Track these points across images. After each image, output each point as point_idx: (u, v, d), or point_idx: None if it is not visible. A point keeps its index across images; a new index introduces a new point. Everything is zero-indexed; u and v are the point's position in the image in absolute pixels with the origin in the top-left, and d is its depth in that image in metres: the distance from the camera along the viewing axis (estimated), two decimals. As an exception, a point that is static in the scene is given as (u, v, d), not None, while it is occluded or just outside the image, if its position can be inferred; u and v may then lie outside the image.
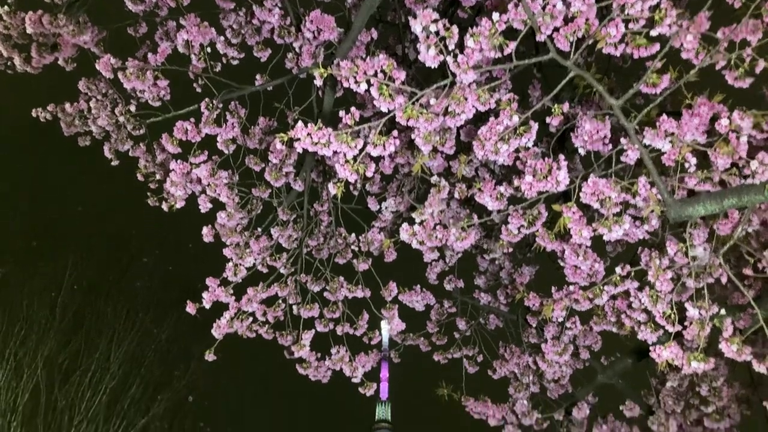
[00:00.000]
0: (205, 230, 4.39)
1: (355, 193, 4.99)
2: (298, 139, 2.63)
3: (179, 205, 4.25)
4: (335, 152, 2.70)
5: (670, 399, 4.14)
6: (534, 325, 4.73)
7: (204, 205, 4.23)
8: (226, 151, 4.21)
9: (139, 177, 4.62)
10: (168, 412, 13.08)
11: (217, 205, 4.34)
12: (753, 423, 4.53)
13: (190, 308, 4.26)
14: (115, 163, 4.63)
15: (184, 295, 4.50)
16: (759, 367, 2.56)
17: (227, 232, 4.37)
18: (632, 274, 3.26)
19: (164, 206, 4.32)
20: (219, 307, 4.48)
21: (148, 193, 4.59)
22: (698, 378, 3.95)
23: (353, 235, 4.71)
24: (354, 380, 4.59)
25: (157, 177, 4.62)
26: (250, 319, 4.49)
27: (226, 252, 4.39)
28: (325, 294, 4.74)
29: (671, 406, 4.13)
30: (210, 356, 4.46)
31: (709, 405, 3.93)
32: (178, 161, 4.08)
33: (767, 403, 2.47)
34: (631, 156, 2.86)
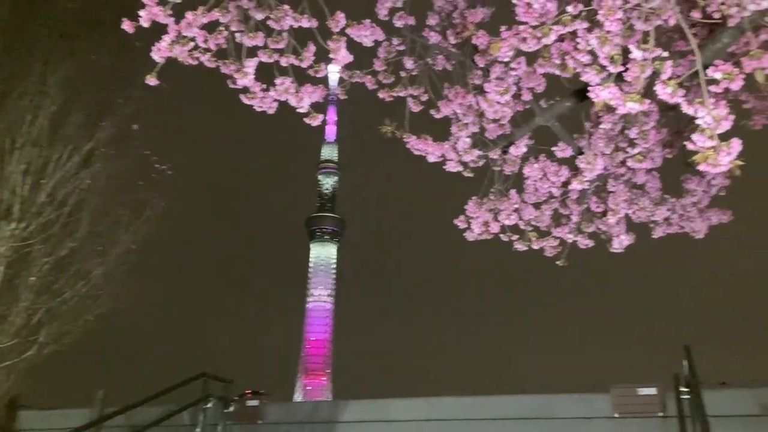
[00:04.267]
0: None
1: None
2: None
3: None
4: None
5: (601, 141, 4.34)
6: (481, 66, 4.71)
7: None
8: None
9: None
10: (114, 139, 13.10)
11: None
12: (673, 169, 4.87)
13: (127, 26, 4.05)
14: None
15: (121, 18, 4.27)
16: (688, 109, 2.66)
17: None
18: (583, 14, 3.21)
19: None
20: (160, 35, 4.28)
21: None
22: (630, 121, 4.11)
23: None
24: (300, 110, 4.59)
25: None
26: (191, 44, 4.32)
27: (161, -32, 4.07)
28: (269, 22, 4.54)
29: (601, 148, 4.33)
30: (152, 80, 4.34)
31: (636, 147, 4.15)
32: None
33: (688, 143, 2.62)
34: None
